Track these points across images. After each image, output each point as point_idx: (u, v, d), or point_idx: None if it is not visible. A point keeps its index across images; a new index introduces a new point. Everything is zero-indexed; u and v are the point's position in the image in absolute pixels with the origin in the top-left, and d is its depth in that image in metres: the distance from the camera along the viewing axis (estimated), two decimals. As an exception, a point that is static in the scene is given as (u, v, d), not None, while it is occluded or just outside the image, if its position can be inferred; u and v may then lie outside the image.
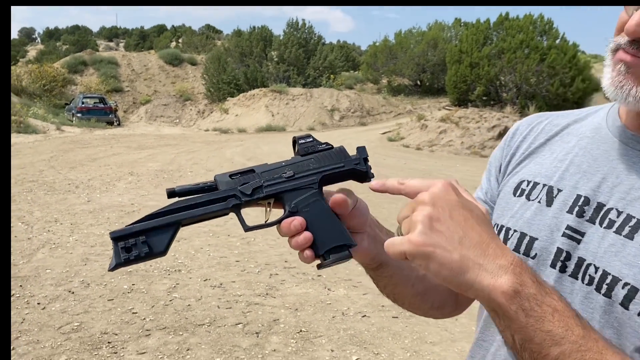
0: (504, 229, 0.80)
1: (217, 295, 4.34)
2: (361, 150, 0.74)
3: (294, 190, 0.70)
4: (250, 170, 0.71)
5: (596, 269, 0.67)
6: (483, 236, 0.57)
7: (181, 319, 3.87)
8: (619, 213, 0.68)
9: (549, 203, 0.76)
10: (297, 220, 0.68)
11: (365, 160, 0.74)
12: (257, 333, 3.69)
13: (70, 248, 5.48)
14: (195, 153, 14.57)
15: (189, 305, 4.11)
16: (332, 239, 0.68)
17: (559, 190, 0.76)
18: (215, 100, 29.85)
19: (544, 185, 0.78)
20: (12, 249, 5.32)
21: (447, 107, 22.69)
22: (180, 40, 62.81)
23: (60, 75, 31.26)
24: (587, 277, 0.68)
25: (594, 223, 0.70)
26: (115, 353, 3.33)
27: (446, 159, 15.15)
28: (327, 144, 0.74)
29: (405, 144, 17.53)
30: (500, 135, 15.81)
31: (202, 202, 0.67)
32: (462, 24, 30.83)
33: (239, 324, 3.82)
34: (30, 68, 30.67)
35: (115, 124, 25.42)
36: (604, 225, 0.69)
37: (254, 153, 14.83)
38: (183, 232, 5.92)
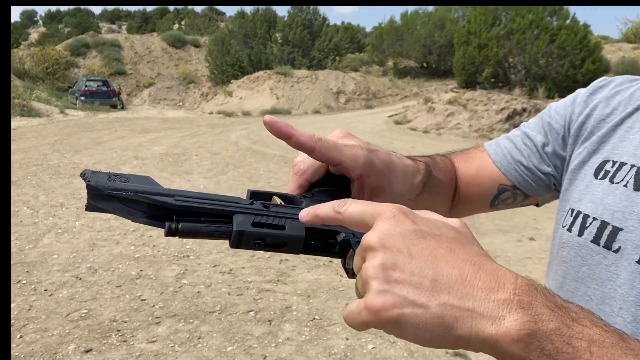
0: (581, 215, 0.68)
1: (227, 281, 4.25)
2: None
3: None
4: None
5: None
6: (463, 266, 0.43)
7: (191, 306, 3.77)
8: None
9: (638, 187, 0.63)
10: None
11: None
12: (269, 321, 3.60)
13: (76, 233, 5.39)
14: (200, 136, 14.44)
15: (198, 292, 4.02)
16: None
17: None
18: (219, 82, 29.60)
19: (632, 166, 0.66)
20: (18, 234, 5.23)
21: (454, 90, 22.40)
22: (182, 22, 62.27)
23: (62, 58, 31.02)
24: None
25: None
26: (125, 341, 3.25)
27: (454, 142, 14.97)
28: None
29: (412, 127, 17.32)
30: (509, 117, 15.60)
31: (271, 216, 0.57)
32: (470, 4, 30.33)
33: (250, 311, 3.73)
34: (32, 51, 30.44)
35: (118, 107, 25.26)
36: None
37: (259, 136, 14.69)
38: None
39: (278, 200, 0.60)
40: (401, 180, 0.64)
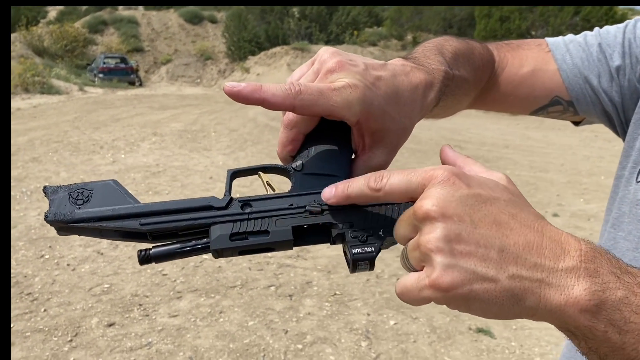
0: None
1: (247, 256, 4.23)
2: None
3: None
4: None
5: None
6: (528, 233, 0.40)
7: (212, 280, 3.78)
8: None
9: None
10: None
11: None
12: (290, 296, 3.58)
13: (97, 208, 5.42)
14: (217, 113, 14.41)
15: (219, 267, 4.02)
16: None
17: None
18: (236, 59, 29.45)
19: None
20: (40, 209, 5.28)
21: (474, 64, 21.93)
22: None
23: (81, 35, 31.08)
24: None
25: None
26: (147, 315, 3.26)
27: (475, 117, 14.72)
28: None
29: (432, 102, 17.07)
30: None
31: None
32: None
33: (271, 286, 3.72)
34: (51, 29, 30.53)
35: (136, 84, 25.32)
36: None
37: (277, 113, 14.36)
38: (210, 192, 5.81)
39: (264, 178, 0.54)
40: (408, 111, 0.55)
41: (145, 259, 0.49)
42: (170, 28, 35.62)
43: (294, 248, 0.51)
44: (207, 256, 4.20)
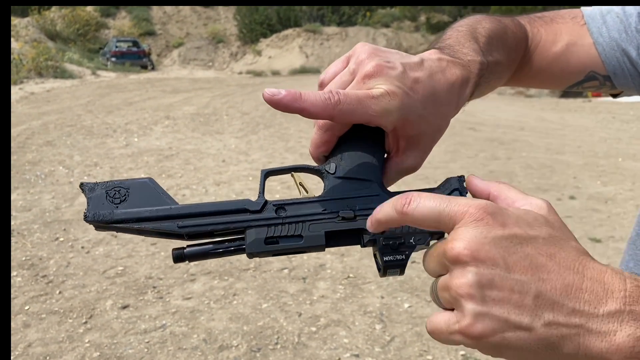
0: None
1: (260, 239, 4.23)
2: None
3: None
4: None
5: None
6: (567, 275, 0.38)
7: (225, 263, 3.77)
8: None
9: None
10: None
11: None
12: (303, 278, 3.57)
13: (111, 192, 5.44)
14: (230, 96, 14.37)
15: (232, 249, 4.01)
16: None
17: None
18: (248, 41, 29.31)
19: None
20: (55, 192, 5.31)
21: (489, 45, 21.62)
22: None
23: (93, 19, 31.11)
24: None
25: None
26: (161, 298, 3.27)
27: (490, 99, 14.51)
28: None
29: (445, 83, 16.88)
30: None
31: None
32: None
33: (284, 269, 3.71)
34: (63, 12, 30.56)
35: (149, 67, 25.34)
36: None
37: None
38: (222, 175, 5.77)
39: (296, 178, 0.54)
40: (444, 111, 0.54)
41: (179, 257, 0.50)
42: (182, 11, 35.48)
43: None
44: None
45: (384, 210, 0.43)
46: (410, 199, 0.41)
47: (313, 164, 0.55)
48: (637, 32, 0.70)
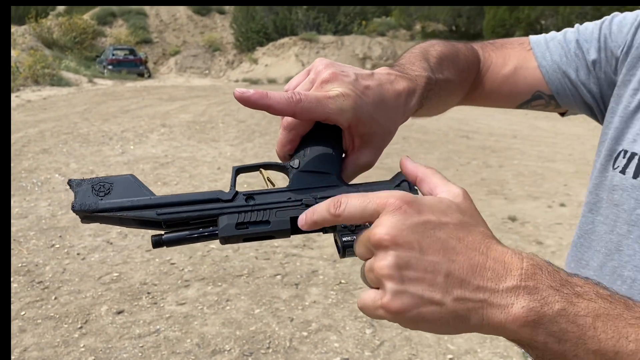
0: (637, 157, 0.65)
1: (254, 246, 4.28)
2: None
3: None
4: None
5: None
6: (473, 256, 0.44)
7: (219, 269, 3.83)
8: None
9: None
10: None
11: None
12: (296, 284, 3.63)
13: (106, 199, 5.49)
14: (226, 104, 14.45)
15: (226, 256, 4.07)
16: None
17: None
18: (244, 50, 29.43)
19: None
20: (50, 200, 5.36)
21: (483, 54, 21.81)
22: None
23: (90, 27, 31.19)
24: None
25: None
26: (155, 303, 3.32)
27: (483, 108, 14.62)
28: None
29: (440, 92, 17.00)
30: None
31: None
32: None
33: (277, 275, 3.77)
34: (60, 20, 30.64)
35: (145, 75, 25.41)
36: None
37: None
38: (218, 183, 5.82)
39: (265, 174, 0.60)
40: (392, 116, 0.61)
41: (158, 243, 0.54)
42: (179, 19, 35.62)
43: (300, 237, 0.58)
44: (215, 245, 4.25)
45: (319, 212, 0.49)
46: (340, 201, 0.48)
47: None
48: (575, 57, 0.78)
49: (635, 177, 0.64)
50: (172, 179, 6.33)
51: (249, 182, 5.28)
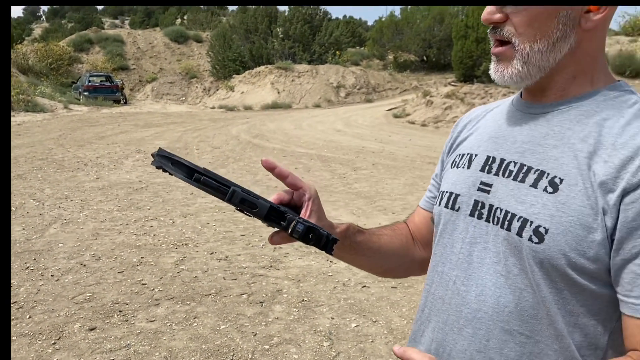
0: (442, 192, 0.95)
1: (222, 267, 4.50)
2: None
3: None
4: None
5: (501, 211, 0.80)
6: None
7: (188, 289, 4.04)
8: (516, 164, 0.82)
9: (469, 166, 0.90)
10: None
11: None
12: (261, 302, 3.85)
13: (81, 223, 5.66)
14: (201, 131, 14.68)
15: (195, 276, 4.28)
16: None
17: (475, 155, 0.90)
18: (221, 77, 29.82)
19: (467, 154, 0.93)
20: (25, 224, 5.50)
21: (452, 83, 22.56)
22: (185, 17, 62.39)
23: (66, 54, 31.28)
24: (495, 219, 0.81)
25: (498, 175, 0.83)
26: (127, 321, 3.51)
27: (447, 135, 15.15)
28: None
29: (411, 120, 17.52)
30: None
31: (252, 194, 0.85)
32: (469, -2, 30.37)
33: (243, 294, 3.99)
34: (36, 47, 30.69)
35: (122, 102, 25.51)
36: (506, 175, 0.82)
37: (260, 130, 14.91)
38: (190, 207, 6.02)
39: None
40: (328, 223, 0.92)
41: (197, 179, 0.82)
42: (156, 47, 35.96)
43: (267, 258, 0.92)
44: (185, 267, 4.47)
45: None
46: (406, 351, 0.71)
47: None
48: (432, 182, 1.09)
49: (439, 205, 0.95)
50: (146, 203, 6.52)
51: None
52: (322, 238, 0.82)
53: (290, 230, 0.82)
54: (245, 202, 0.82)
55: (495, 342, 0.79)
